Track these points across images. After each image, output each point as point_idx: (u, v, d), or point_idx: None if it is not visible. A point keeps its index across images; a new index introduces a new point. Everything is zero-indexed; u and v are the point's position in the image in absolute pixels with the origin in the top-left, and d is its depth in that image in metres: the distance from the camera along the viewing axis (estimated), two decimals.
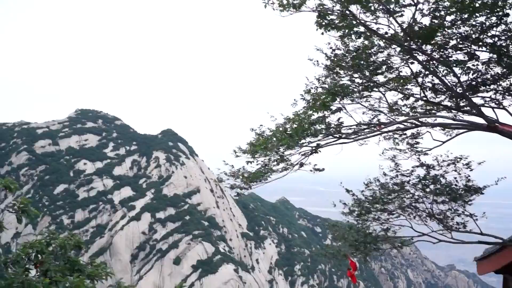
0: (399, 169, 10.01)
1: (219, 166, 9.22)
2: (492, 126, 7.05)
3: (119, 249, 72.60)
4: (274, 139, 8.18)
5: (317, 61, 8.69)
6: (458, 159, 9.61)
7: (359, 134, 8.43)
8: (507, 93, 8.38)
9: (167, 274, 70.57)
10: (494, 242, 10.07)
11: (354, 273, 11.44)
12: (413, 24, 7.33)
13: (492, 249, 17.54)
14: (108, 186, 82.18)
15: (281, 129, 8.36)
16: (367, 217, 10.15)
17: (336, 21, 7.41)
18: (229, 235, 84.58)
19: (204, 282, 70.03)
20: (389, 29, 7.39)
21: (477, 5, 6.91)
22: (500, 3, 7.21)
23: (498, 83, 8.23)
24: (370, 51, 8.00)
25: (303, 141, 8.27)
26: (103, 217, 77.39)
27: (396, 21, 7.20)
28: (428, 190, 9.82)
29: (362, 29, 7.43)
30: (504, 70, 7.90)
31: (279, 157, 8.40)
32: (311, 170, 8.94)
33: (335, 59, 8.33)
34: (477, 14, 7.22)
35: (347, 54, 8.21)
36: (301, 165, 8.71)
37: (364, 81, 8.42)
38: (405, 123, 8.56)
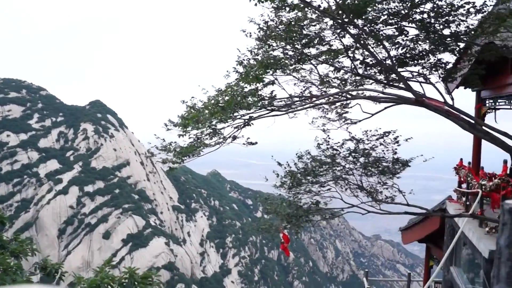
0: (330, 141, 10.17)
1: (150, 139, 8.99)
2: (420, 100, 7.26)
3: (46, 224, 70.29)
4: (206, 112, 8.01)
5: (250, 33, 8.57)
6: (387, 134, 9.92)
7: (291, 106, 8.43)
8: (434, 69, 8.67)
9: (97, 249, 69.31)
10: (419, 213, 10.51)
11: (286, 246, 11.63)
12: None
13: (415, 219, 18.45)
14: (33, 159, 78.86)
15: (213, 101, 8.19)
16: (298, 189, 10.27)
17: None
18: (160, 208, 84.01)
19: (135, 256, 69.45)
20: (322, 2, 7.38)
21: None
22: None
23: (425, 59, 8.49)
24: (303, 24, 7.96)
25: (235, 114, 8.16)
26: (28, 191, 74.40)
27: None
28: (358, 163, 10.07)
29: (296, 0, 7.37)
30: (432, 46, 8.14)
31: (211, 131, 8.25)
32: (244, 144, 8.89)
33: (268, 31, 8.23)
34: None
35: (280, 26, 8.13)
36: (234, 138, 8.63)
37: (297, 53, 8.39)
38: (336, 96, 8.65)
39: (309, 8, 7.49)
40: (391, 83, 8.47)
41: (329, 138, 10.15)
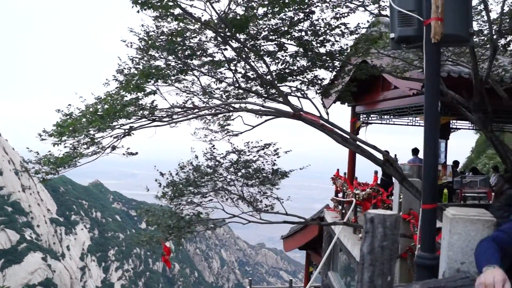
0: (213, 152, 10.25)
1: (26, 145, 8.47)
2: (297, 114, 7.57)
3: None
4: (84, 120, 7.68)
5: (131, 42, 8.40)
6: (267, 145, 10.22)
7: (173, 117, 8.37)
8: (311, 84, 9.12)
9: None
10: (297, 222, 10.90)
11: (168, 258, 11.47)
12: (228, 12, 7.49)
13: (296, 227, 19.13)
14: None
15: (91, 110, 7.88)
16: (180, 200, 10.21)
17: (153, 0, 7.20)
18: (37, 221, 78.72)
19: (8, 273, 64.38)
20: (202, 15, 7.44)
21: (287, 0, 7.32)
22: (307, 0, 7.78)
23: (303, 75, 8.90)
24: (185, 35, 7.95)
25: (115, 123, 7.91)
26: None
27: (213, 7, 7.27)
28: (239, 174, 10.24)
29: (178, 11, 7.34)
30: (309, 63, 8.56)
31: (89, 140, 7.92)
32: (124, 154, 8.66)
33: (150, 41, 8.12)
34: (286, 9, 7.66)
35: (162, 36, 8.06)
36: (113, 148, 8.36)
37: (179, 64, 8.36)
38: (219, 108, 8.74)
39: (191, 19, 7.51)
40: (271, 97, 8.74)
41: (211, 149, 10.22)
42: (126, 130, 8.16)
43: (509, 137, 26.35)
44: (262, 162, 10.35)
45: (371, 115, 17.49)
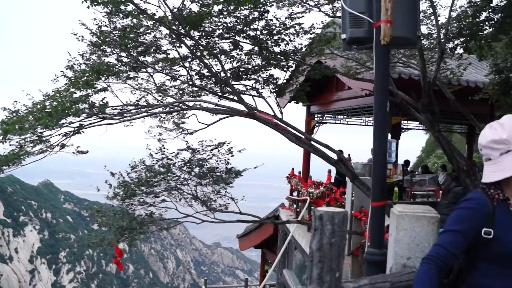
0: (166, 151, 10.13)
1: None
2: (251, 113, 7.58)
3: None
4: (31, 117, 7.42)
5: (82, 36, 8.20)
6: (221, 144, 10.19)
7: (125, 115, 8.22)
8: (265, 84, 9.16)
9: None
10: (252, 221, 10.93)
11: (119, 260, 11.28)
12: (182, 8, 7.43)
13: (251, 226, 19.19)
14: None
15: (39, 106, 7.63)
16: (132, 201, 10.05)
17: None
18: None
19: None
20: (156, 11, 7.35)
21: None
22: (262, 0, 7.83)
23: (258, 74, 8.93)
24: (138, 31, 7.83)
25: (64, 120, 7.68)
26: None
27: (166, 4, 7.19)
28: (193, 173, 10.17)
29: (131, 7, 7.23)
30: (264, 62, 8.60)
31: (36, 138, 7.66)
32: (73, 152, 8.44)
33: (102, 36, 7.95)
34: (241, 7, 7.67)
35: (114, 32, 7.90)
36: (63, 146, 8.13)
37: (132, 60, 8.22)
38: (173, 106, 8.65)
39: (144, 15, 7.41)
40: (226, 95, 8.73)
41: (162, 148, 10.09)
42: (76, 128, 7.95)
43: (457, 137, 27.25)
44: (216, 161, 10.31)
45: (326, 115, 17.76)
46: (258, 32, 8.26)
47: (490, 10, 7.48)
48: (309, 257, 2.83)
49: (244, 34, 8.23)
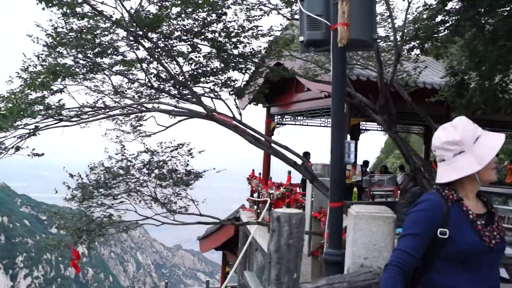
0: (125, 153, 9.99)
1: None
2: (210, 115, 7.56)
3: None
4: None
5: (38, 37, 7.99)
6: (181, 146, 10.12)
7: (83, 117, 8.06)
8: (224, 86, 9.15)
9: None
10: (212, 222, 10.86)
11: (77, 263, 11.04)
12: (140, 10, 7.34)
13: (212, 228, 19.11)
14: None
15: None
16: (90, 203, 9.85)
17: None
18: None
19: None
20: (113, 13, 7.24)
21: (200, 1, 7.30)
22: (220, 2, 7.81)
23: (217, 76, 8.91)
24: (95, 33, 7.69)
25: (19, 122, 7.49)
26: None
27: (123, 5, 7.09)
28: (152, 175, 10.06)
29: (87, 8, 7.10)
30: (222, 64, 8.59)
31: None
32: (29, 155, 8.24)
33: (58, 38, 7.77)
34: (200, 10, 7.64)
35: (70, 34, 7.73)
36: (17, 149, 7.92)
37: (89, 62, 8.07)
38: (131, 108, 8.53)
39: (101, 17, 7.28)
40: (184, 97, 8.67)
41: (122, 149, 9.95)
42: (31, 130, 7.76)
43: (415, 138, 27.92)
44: (175, 163, 10.23)
45: (286, 116, 17.88)
46: (217, 35, 8.25)
47: (445, 14, 7.68)
48: (267, 258, 2.84)
49: (203, 37, 8.20)
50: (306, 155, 17.09)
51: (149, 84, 8.63)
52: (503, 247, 2.56)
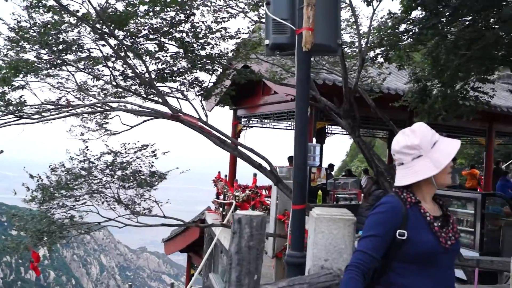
0: (87, 153, 9.82)
1: None
2: (175, 115, 7.50)
3: None
4: None
5: None
6: (145, 147, 10.03)
7: (45, 114, 7.88)
8: (191, 87, 9.10)
9: None
10: (176, 224, 10.77)
11: (36, 265, 10.79)
12: (107, 7, 7.24)
13: (177, 230, 18.98)
14: None
15: None
16: (51, 204, 9.64)
17: None
18: None
19: None
20: (80, 8, 7.10)
21: (168, 0, 7.25)
22: (188, 2, 7.78)
23: (183, 76, 8.86)
24: (60, 28, 7.53)
25: None
26: None
27: (89, 1, 6.97)
28: (116, 176, 9.92)
29: (51, 1, 6.95)
30: (189, 65, 8.54)
31: None
32: None
33: (20, 32, 7.58)
34: (168, 9, 7.59)
35: (34, 28, 7.56)
36: None
37: (52, 58, 7.90)
38: (95, 106, 8.39)
39: (66, 12, 7.14)
40: (150, 97, 8.59)
41: (86, 149, 9.78)
42: None
43: (380, 142, 28.37)
44: (139, 164, 10.12)
45: (253, 119, 17.92)
46: (184, 35, 8.21)
47: (409, 22, 7.84)
48: (228, 260, 2.85)
49: (170, 36, 8.14)
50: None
51: (115, 83, 8.51)
52: (458, 248, 2.65)
